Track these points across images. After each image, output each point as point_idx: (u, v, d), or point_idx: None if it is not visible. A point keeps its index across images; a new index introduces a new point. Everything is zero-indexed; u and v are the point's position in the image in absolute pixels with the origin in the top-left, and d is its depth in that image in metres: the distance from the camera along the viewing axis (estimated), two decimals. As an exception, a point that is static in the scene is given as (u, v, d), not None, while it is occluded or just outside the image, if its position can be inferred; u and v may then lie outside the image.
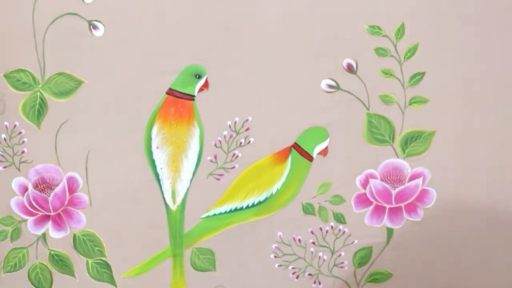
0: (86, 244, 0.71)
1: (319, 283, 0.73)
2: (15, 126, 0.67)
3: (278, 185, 0.69)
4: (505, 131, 0.66)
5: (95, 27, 0.64)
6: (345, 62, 0.65)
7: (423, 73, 0.65)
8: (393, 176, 0.68)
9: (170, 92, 0.66)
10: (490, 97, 0.65)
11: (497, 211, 0.69)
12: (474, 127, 0.66)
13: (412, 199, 0.69)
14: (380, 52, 0.64)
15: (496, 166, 0.67)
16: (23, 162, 0.68)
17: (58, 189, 0.69)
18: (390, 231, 0.70)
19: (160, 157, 0.68)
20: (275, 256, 0.72)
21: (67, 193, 0.69)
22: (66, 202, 0.70)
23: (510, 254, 0.70)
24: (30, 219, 0.70)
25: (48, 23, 0.64)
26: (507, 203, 0.69)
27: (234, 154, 0.68)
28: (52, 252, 0.71)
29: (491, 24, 0.64)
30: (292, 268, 0.72)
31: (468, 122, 0.66)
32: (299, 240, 0.71)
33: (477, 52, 0.64)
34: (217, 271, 0.72)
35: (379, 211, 0.69)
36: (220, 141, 0.68)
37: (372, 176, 0.68)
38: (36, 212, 0.70)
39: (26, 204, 0.69)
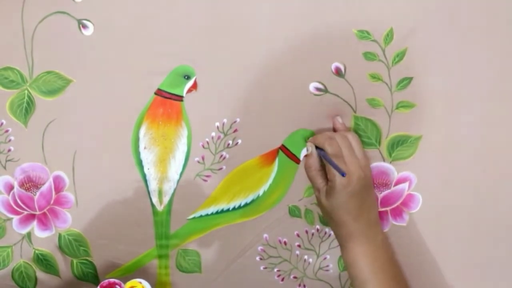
0: (72, 244, 0.70)
1: (304, 286, 0.72)
2: (1, 124, 0.67)
3: (265, 187, 0.69)
4: (491, 136, 0.67)
5: (84, 26, 0.64)
6: (333, 66, 0.65)
7: (411, 78, 0.65)
8: (380, 180, 0.68)
9: (159, 92, 0.66)
10: (476, 103, 0.66)
11: (482, 216, 0.69)
12: (460, 133, 0.66)
13: (398, 203, 0.69)
14: (369, 56, 0.65)
15: (482, 171, 0.68)
16: (9, 160, 0.68)
17: (44, 188, 0.68)
18: (376, 235, 0.70)
19: (148, 157, 0.68)
20: (261, 259, 0.71)
21: (53, 192, 0.69)
22: (52, 201, 0.69)
23: (494, 259, 0.71)
24: (15, 218, 0.70)
25: (37, 21, 0.64)
26: (493, 208, 0.69)
27: (221, 156, 0.68)
28: (36, 251, 0.71)
29: (478, 31, 0.64)
30: (277, 270, 0.72)
31: (454, 128, 0.66)
32: (285, 243, 0.71)
33: (464, 58, 0.65)
34: (203, 273, 0.72)
35: (365, 215, 0.69)
36: (208, 142, 0.67)
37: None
38: (22, 211, 0.69)
39: (12, 203, 0.69)
